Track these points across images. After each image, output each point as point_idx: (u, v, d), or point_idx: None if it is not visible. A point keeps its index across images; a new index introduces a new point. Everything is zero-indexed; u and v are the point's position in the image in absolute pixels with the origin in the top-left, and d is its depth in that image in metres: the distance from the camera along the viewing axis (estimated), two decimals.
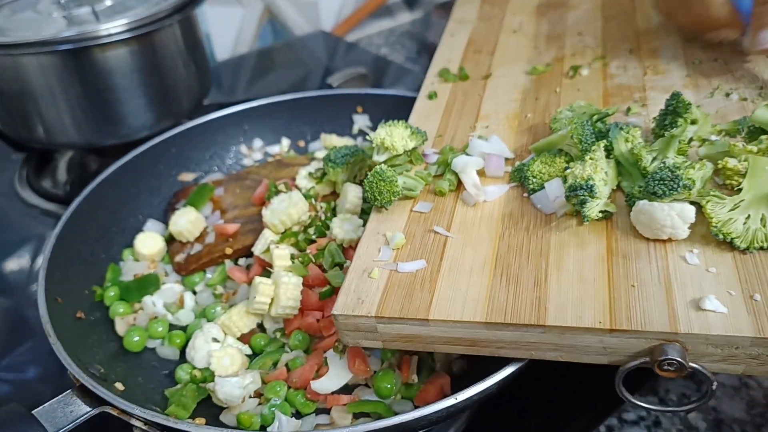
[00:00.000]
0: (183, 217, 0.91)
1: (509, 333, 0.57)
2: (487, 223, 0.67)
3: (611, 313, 0.54)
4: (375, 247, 0.67)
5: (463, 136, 0.83)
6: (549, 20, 1.05)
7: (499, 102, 0.87)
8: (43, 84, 1.07)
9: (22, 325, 1.01)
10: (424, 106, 0.90)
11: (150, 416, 0.62)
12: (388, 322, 0.59)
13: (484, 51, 1.00)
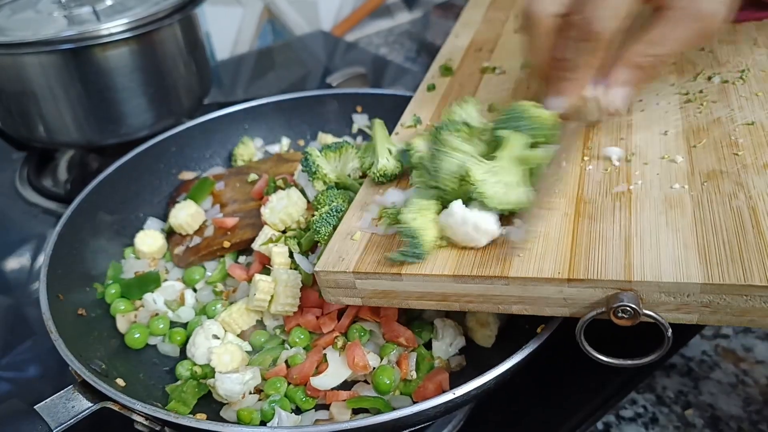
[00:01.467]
0: (183, 210, 0.92)
1: (475, 286, 0.61)
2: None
3: (570, 265, 0.58)
4: (359, 215, 0.71)
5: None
6: None
7: (491, 91, 0.89)
8: (44, 83, 1.07)
9: (22, 323, 1.02)
10: (422, 96, 0.94)
11: (151, 411, 0.62)
12: (364, 277, 0.64)
13: (484, 49, 1.01)
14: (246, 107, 1.10)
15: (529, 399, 0.82)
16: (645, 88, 0.78)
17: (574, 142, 0.74)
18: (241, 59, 1.83)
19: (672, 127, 0.72)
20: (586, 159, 0.71)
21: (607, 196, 0.64)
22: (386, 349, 0.75)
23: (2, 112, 1.17)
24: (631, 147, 0.70)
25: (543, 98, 0.71)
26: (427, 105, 0.90)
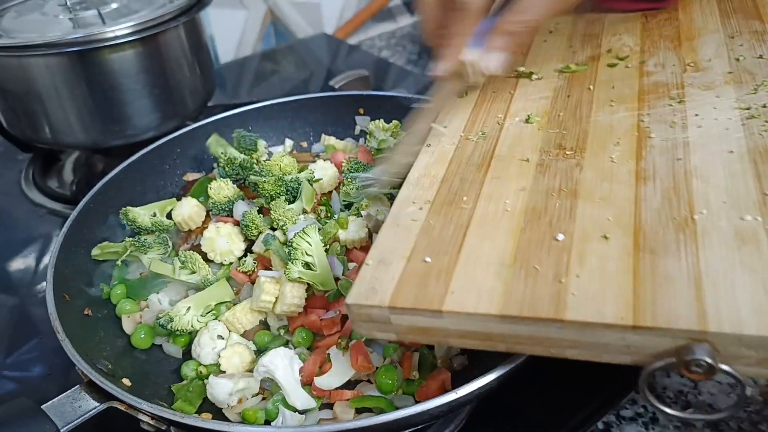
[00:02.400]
0: (184, 207, 0.93)
1: (525, 327, 0.55)
2: (508, 217, 0.65)
3: (635, 308, 0.52)
4: (394, 237, 0.65)
5: (491, 131, 0.79)
6: (586, 20, 1.02)
7: (528, 99, 0.84)
8: (49, 85, 1.08)
9: (28, 323, 1.02)
10: (455, 103, 0.87)
11: (157, 411, 0.63)
12: (401, 312, 0.58)
13: (517, 52, 0.94)
14: (250, 109, 1.11)
15: (530, 398, 0.82)
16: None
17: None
18: (244, 62, 1.84)
19: (735, 147, 0.66)
20: (641, 180, 0.65)
21: (669, 227, 0.59)
22: (389, 349, 0.76)
23: (8, 114, 1.18)
24: (689, 168, 0.65)
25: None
26: (459, 113, 0.84)
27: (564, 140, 0.74)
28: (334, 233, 0.82)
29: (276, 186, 0.89)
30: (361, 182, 0.83)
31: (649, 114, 0.75)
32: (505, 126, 0.79)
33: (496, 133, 0.78)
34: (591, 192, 0.65)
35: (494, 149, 0.75)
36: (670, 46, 0.89)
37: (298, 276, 0.76)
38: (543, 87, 0.86)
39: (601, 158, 0.70)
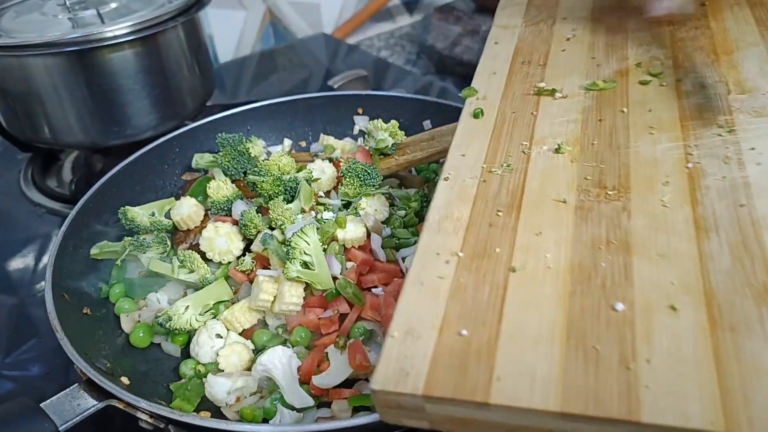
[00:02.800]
0: (183, 206, 0.93)
1: (591, 426, 0.46)
2: (552, 277, 0.55)
3: (725, 410, 0.43)
4: (420, 300, 0.55)
5: (516, 163, 0.69)
6: (606, 27, 0.92)
7: (554, 122, 0.74)
8: (49, 85, 1.08)
9: (27, 323, 1.03)
10: (469, 125, 0.77)
11: (155, 409, 0.63)
12: (438, 402, 0.48)
13: (533, 62, 0.86)
14: (249, 108, 1.11)
15: None
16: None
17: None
18: (243, 62, 1.84)
19: None
20: (701, 232, 0.57)
21: (746, 295, 0.50)
22: None
23: (7, 114, 1.18)
24: (756, 217, 0.57)
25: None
26: (477, 137, 0.74)
27: (603, 176, 0.65)
28: (332, 232, 0.82)
29: (274, 186, 0.89)
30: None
31: (696, 145, 0.67)
32: (532, 156, 0.70)
33: (522, 164, 0.69)
34: (645, 246, 0.56)
35: (523, 186, 0.66)
36: (706, 60, 0.80)
37: (296, 275, 0.76)
38: (569, 107, 0.76)
39: (650, 201, 0.61)
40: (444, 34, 1.80)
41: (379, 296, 0.80)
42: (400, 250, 0.87)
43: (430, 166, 1.05)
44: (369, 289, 0.82)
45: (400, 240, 0.87)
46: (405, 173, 1.01)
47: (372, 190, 0.89)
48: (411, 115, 1.08)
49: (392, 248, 0.87)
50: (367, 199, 0.89)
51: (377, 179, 0.90)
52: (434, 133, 0.99)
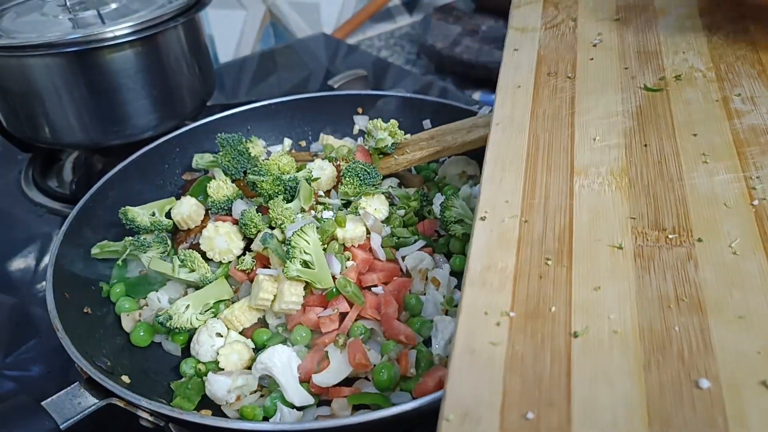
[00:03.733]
0: (184, 206, 0.93)
1: None
2: (620, 344, 0.49)
3: None
4: (473, 373, 0.49)
5: (558, 199, 0.62)
6: (635, 30, 0.85)
7: (594, 147, 0.67)
8: (49, 85, 1.09)
9: (27, 323, 1.03)
10: (500, 152, 0.70)
11: (156, 407, 0.64)
12: None
13: (560, 73, 0.80)
14: (248, 108, 1.11)
15: None
16: None
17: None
18: (243, 62, 1.84)
19: None
20: None
21: None
22: (386, 347, 0.76)
23: (8, 114, 1.18)
24: None
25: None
26: (510, 167, 0.67)
27: (660, 215, 0.58)
28: (332, 232, 0.83)
29: (274, 185, 0.89)
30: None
31: (758, 177, 0.60)
32: (575, 190, 0.62)
33: (566, 200, 0.61)
34: (720, 305, 0.50)
35: (571, 227, 0.59)
36: (752, 72, 0.72)
37: (296, 274, 0.77)
38: (608, 128, 0.69)
39: (717, 247, 0.55)
40: (444, 34, 1.80)
41: (379, 295, 0.80)
42: (399, 249, 0.88)
43: (430, 166, 1.05)
44: (369, 288, 0.82)
45: (399, 239, 0.88)
46: (404, 172, 1.01)
47: (372, 189, 0.90)
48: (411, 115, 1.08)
49: (392, 247, 0.87)
50: (367, 199, 0.89)
51: (377, 179, 0.90)
52: (434, 132, 0.99)
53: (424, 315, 0.82)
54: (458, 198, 0.90)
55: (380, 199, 0.90)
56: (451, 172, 1.01)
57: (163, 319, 0.79)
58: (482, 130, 0.95)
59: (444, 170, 1.02)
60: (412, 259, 0.86)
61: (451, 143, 0.96)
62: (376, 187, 0.90)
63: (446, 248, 0.92)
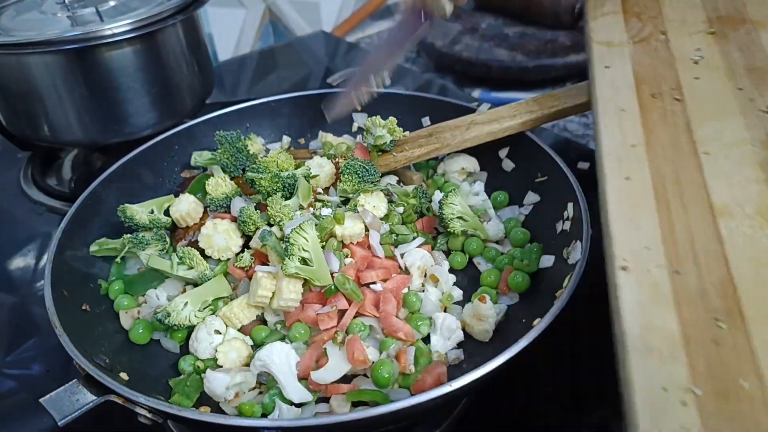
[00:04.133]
0: (182, 203, 0.93)
1: None
2: None
3: None
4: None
5: (706, 244, 0.55)
6: (737, 44, 0.78)
7: (733, 184, 0.59)
8: (48, 83, 1.08)
9: (27, 321, 1.03)
10: (623, 190, 0.61)
11: (154, 404, 0.63)
12: None
13: (665, 94, 0.72)
14: (247, 106, 1.11)
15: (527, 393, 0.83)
16: None
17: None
18: (243, 60, 1.84)
19: None
20: None
21: None
22: (385, 344, 0.76)
23: (7, 112, 1.18)
24: None
25: None
26: (640, 207, 0.59)
27: None
28: (330, 229, 0.83)
29: (273, 182, 0.89)
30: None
31: None
32: (724, 234, 0.55)
33: (715, 246, 0.54)
34: None
35: (731, 279, 0.51)
36: None
37: (294, 271, 0.77)
38: (740, 159, 0.61)
39: None
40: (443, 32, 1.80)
41: (377, 292, 0.80)
42: (398, 246, 0.87)
43: (429, 163, 1.05)
44: (368, 285, 0.82)
45: (398, 236, 0.88)
46: (403, 170, 1.01)
47: (370, 186, 0.89)
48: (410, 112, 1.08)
49: (391, 244, 0.87)
50: (366, 196, 0.89)
51: (376, 176, 0.90)
52: (432, 129, 0.99)
53: (422, 312, 0.82)
54: (457, 195, 0.90)
55: (379, 197, 0.90)
56: (450, 169, 1.01)
57: (162, 317, 0.78)
58: (481, 128, 0.96)
59: (443, 167, 1.02)
60: (410, 257, 0.86)
61: (450, 140, 0.96)
62: (374, 184, 0.90)
63: (445, 245, 0.92)
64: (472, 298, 0.83)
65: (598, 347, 0.60)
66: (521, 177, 0.97)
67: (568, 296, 0.68)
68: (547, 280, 0.82)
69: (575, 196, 0.82)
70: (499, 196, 0.98)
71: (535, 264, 0.85)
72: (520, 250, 0.89)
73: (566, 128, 1.48)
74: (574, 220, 0.82)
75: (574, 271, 0.72)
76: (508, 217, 0.95)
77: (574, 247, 0.77)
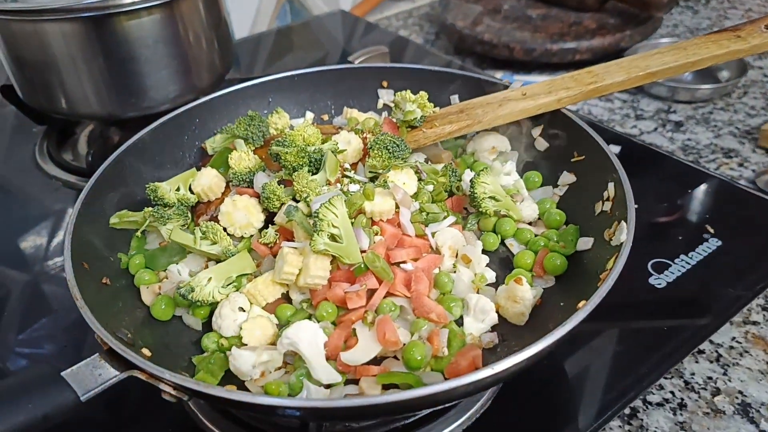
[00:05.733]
0: (204, 177, 0.90)
1: None
2: None
3: None
4: None
5: None
6: None
7: None
8: (65, 53, 1.06)
9: (41, 299, 1.01)
10: None
11: (181, 381, 0.61)
12: None
13: None
14: (271, 79, 1.08)
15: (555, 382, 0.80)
16: None
17: None
18: (259, 39, 1.81)
19: None
20: None
21: None
22: (417, 325, 0.73)
23: (23, 83, 1.16)
24: None
25: None
26: None
27: None
28: (359, 205, 0.79)
29: (299, 157, 0.86)
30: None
31: None
32: None
33: None
34: None
35: None
36: None
37: (323, 248, 0.74)
38: None
39: None
40: (464, 13, 1.76)
41: (408, 271, 0.77)
42: (429, 225, 0.84)
43: (457, 141, 1.01)
44: (398, 265, 0.79)
45: (428, 215, 0.85)
46: (432, 147, 0.98)
47: (401, 162, 0.86)
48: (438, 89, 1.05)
49: (421, 223, 0.84)
50: (396, 172, 0.85)
51: (406, 151, 0.87)
52: (464, 106, 0.96)
53: (454, 293, 0.79)
54: (489, 174, 0.87)
55: (409, 173, 0.86)
56: (480, 147, 0.97)
57: (185, 291, 0.76)
58: (515, 104, 0.92)
59: (472, 146, 0.99)
60: (441, 236, 0.83)
61: (481, 117, 0.93)
62: (404, 160, 0.87)
63: (475, 226, 0.89)
64: (506, 279, 0.80)
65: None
66: (555, 157, 0.94)
67: (614, 278, 0.65)
68: (584, 263, 0.79)
69: (617, 176, 0.79)
70: (532, 177, 0.95)
71: (572, 246, 0.82)
72: (555, 231, 0.86)
73: (590, 112, 1.45)
74: (615, 201, 0.79)
75: (621, 252, 0.68)
76: (541, 198, 0.92)
77: (619, 228, 0.74)
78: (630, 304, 0.90)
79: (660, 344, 0.83)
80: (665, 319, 0.87)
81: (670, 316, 0.88)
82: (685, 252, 0.97)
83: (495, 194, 0.86)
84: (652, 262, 0.96)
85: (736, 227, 1.02)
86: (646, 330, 0.87)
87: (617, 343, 0.85)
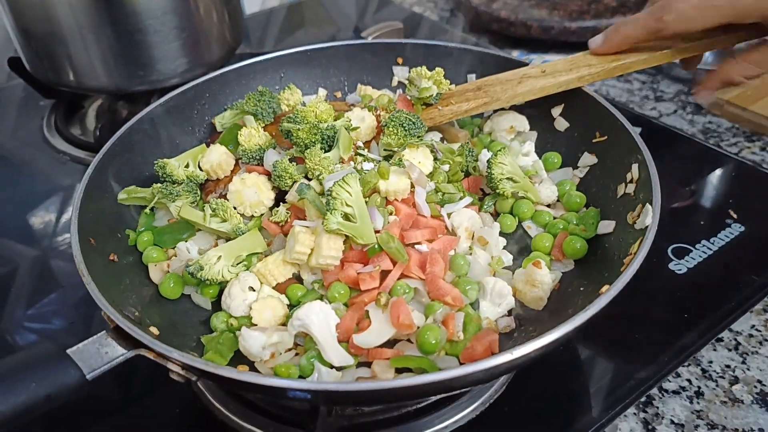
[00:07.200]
0: (213, 154, 0.88)
1: None
2: None
3: None
4: None
5: None
6: None
7: None
8: (72, 24, 1.04)
9: (49, 275, 1.00)
10: None
11: (189, 361, 0.59)
12: None
13: None
14: (284, 54, 1.05)
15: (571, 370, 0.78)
16: None
17: None
18: (270, 14, 1.77)
19: None
20: None
21: None
22: (431, 308, 0.71)
23: (31, 56, 1.14)
24: None
25: None
26: None
27: None
28: (374, 183, 0.77)
29: (311, 134, 0.83)
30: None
31: None
32: None
33: None
34: None
35: None
36: None
37: (337, 227, 0.71)
38: None
39: None
40: None
41: (423, 253, 0.75)
42: (444, 206, 0.82)
43: (474, 120, 0.98)
44: (412, 246, 0.76)
45: (444, 195, 0.82)
46: (447, 126, 0.95)
47: (416, 140, 0.83)
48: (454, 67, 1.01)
49: (437, 203, 0.82)
50: (411, 151, 0.83)
51: (422, 129, 0.84)
52: (481, 83, 0.93)
53: (470, 276, 0.77)
54: (507, 155, 0.84)
55: (425, 152, 0.84)
56: (497, 127, 0.95)
57: (194, 270, 0.74)
58: (534, 82, 0.89)
59: (490, 125, 0.96)
60: (458, 217, 0.80)
61: (499, 95, 0.90)
62: (420, 138, 0.84)
63: (492, 207, 0.87)
64: (524, 263, 0.78)
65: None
66: (576, 137, 0.91)
67: (639, 263, 0.63)
68: (605, 247, 0.77)
69: (642, 158, 0.76)
70: (551, 157, 0.92)
71: (593, 229, 0.79)
72: (575, 214, 0.83)
73: (608, 93, 1.41)
74: (639, 183, 0.76)
75: (645, 236, 0.66)
76: (561, 180, 0.89)
77: (644, 211, 0.72)
78: (649, 290, 0.87)
79: (679, 332, 0.81)
80: (685, 306, 0.85)
81: (690, 303, 0.86)
82: (707, 237, 0.94)
83: (513, 175, 0.84)
84: (672, 247, 0.93)
85: (760, 213, 0.99)
86: (664, 317, 0.85)
87: (634, 330, 0.82)
